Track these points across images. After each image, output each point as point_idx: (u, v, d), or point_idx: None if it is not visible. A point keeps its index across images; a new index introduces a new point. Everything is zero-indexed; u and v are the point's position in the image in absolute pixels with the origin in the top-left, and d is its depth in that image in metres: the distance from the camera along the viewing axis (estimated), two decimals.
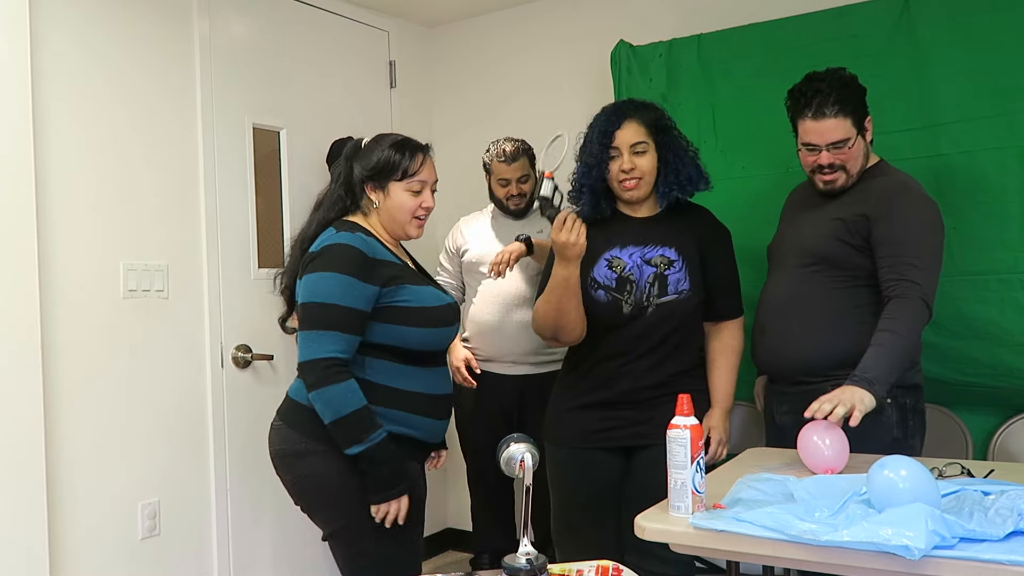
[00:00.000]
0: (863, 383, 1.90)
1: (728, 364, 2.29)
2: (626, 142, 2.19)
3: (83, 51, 2.64)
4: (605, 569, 1.55)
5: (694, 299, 2.21)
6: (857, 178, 2.18)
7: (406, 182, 2.01)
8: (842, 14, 2.74)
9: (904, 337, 1.98)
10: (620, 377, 2.21)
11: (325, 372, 1.83)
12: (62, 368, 2.55)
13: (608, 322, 2.21)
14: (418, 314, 1.94)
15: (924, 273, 2.03)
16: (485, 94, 3.81)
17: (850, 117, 2.12)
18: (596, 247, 2.23)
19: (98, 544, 2.63)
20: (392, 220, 2.03)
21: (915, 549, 1.28)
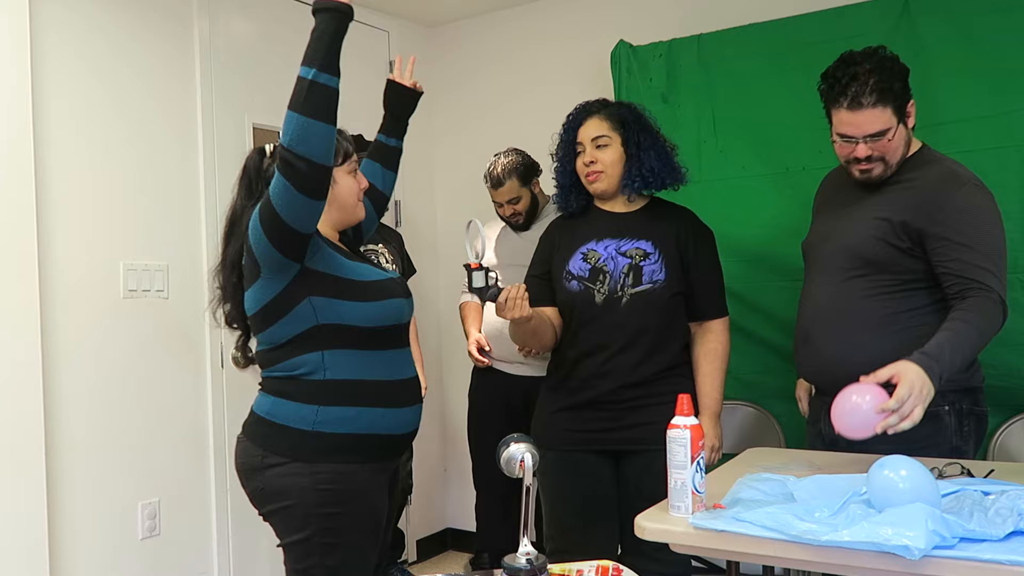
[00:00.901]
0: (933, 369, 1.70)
1: (713, 368, 2.24)
2: (588, 136, 2.23)
3: (83, 51, 2.64)
4: (605, 569, 1.55)
5: (670, 290, 2.18)
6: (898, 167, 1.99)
7: (348, 164, 1.91)
8: (842, 14, 2.74)
9: (980, 333, 1.81)
10: (602, 376, 2.19)
11: (281, 159, 1.71)
12: (62, 368, 2.55)
13: (582, 313, 2.20)
14: (360, 288, 1.84)
15: (995, 276, 1.85)
16: (485, 94, 3.82)
17: (890, 106, 1.91)
18: (572, 241, 2.25)
19: (98, 544, 2.63)
20: (341, 207, 1.91)
21: (915, 549, 1.28)
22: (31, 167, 2.46)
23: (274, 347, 1.84)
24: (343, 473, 1.82)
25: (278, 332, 1.82)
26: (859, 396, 1.68)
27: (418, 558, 3.80)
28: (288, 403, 1.82)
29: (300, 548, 1.84)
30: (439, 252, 3.90)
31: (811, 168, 2.73)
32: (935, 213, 1.89)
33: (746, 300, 2.91)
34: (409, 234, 3.49)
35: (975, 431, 2.00)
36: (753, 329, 2.90)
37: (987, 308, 1.83)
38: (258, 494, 1.86)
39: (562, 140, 2.30)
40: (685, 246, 2.23)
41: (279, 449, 1.82)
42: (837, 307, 2.03)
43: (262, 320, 1.84)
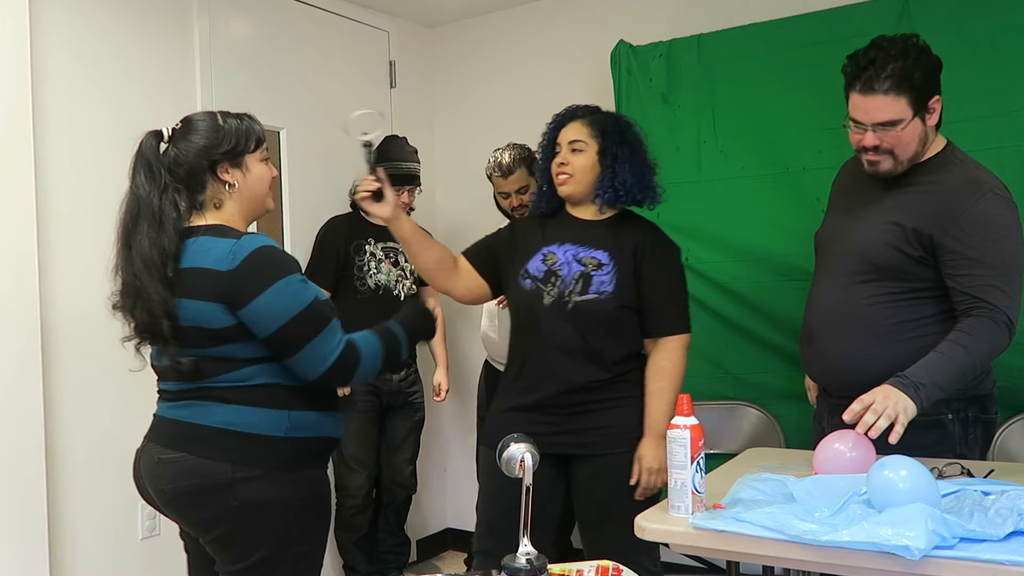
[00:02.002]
0: (909, 387, 1.72)
1: (659, 388, 2.17)
2: (566, 138, 2.24)
3: (83, 51, 2.64)
4: (605, 569, 1.55)
5: (615, 302, 2.16)
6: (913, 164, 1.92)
7: (260, 152, 1.81)
8: (842, 14, 2.74)
9: (974, 357, 1.79)
10: (546, 378, 2.19)
11: (349, 363, 1.73)
12: (62, 367, 2.55)
13: (530, 312, 2.21)
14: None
15: (1006, 294, 1.80)
16: (485, 94, 3.82)
17: (906, 95, 1.83)
18: (537, 240, 2.27)
19: (98, 544, 2.63)
20: (253, 197, 1.81)
21: (915, 549, 1.28)
22: (31, 167, 2.46)
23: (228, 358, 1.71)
24: (313, 480, 1.79)
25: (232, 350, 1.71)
26: (842, 444, 1.71)
27: (418, 558, 3.80)
28: (256, 410, 1.71)
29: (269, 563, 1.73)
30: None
31: (811, 168, 2.73)
32: (948, 223, 1.83)
33: (746, 300, 2.91)
34: None
35: (981, 438, 1.99)
36: (753, 329, 2.90)
37: (986, 329, 1.79)
38: (225, 513, 1.70)
39: (545, 139, 2.32)
40: (641, 260, 2.21)
41: (253, 460, 1.69)
42: (844, 311, 1.99)
43: (218, 337, 1.70)
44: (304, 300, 1.69)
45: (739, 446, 2.76)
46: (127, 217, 1.74)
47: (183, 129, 1.77)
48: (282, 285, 1.67)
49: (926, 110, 1.87)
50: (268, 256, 1.69)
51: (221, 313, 1.67)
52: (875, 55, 1.84)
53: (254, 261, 1.67)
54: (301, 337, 1.68)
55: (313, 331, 1.69)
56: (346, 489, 3.16)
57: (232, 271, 1.65)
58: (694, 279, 2.98)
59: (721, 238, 2.92)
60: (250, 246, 1.68)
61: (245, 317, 1.67)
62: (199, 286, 1.67)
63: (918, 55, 1.86)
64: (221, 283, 1.65)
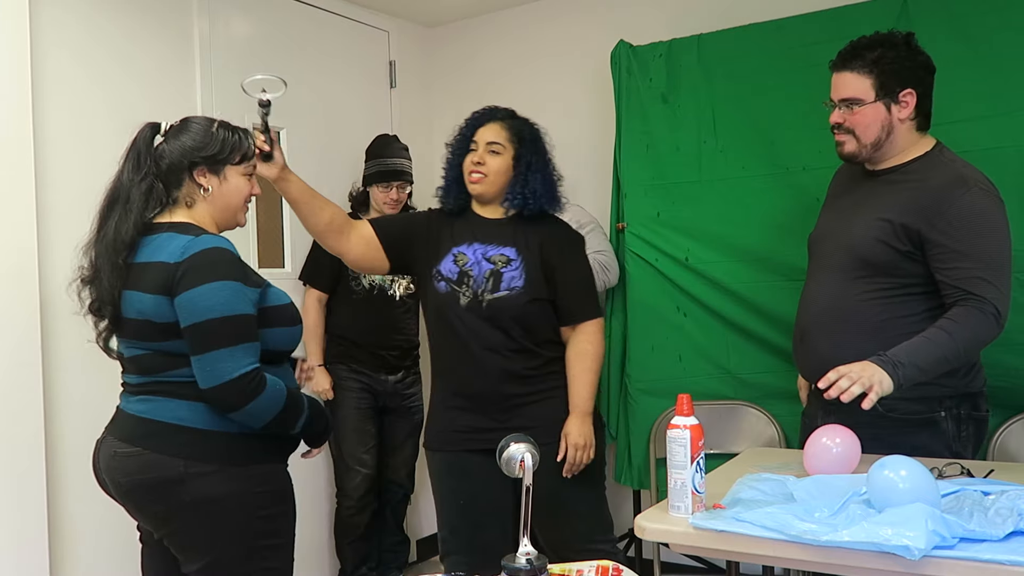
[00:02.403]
0: (888, 364, 1.75)
1: (583, 369, 2.25)
2: (484, 139, 2.27)
3: (82, 51, 2.64)
4: (605, 569, 1.55)
5: (525, 296, 2.21)
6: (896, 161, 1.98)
7: (244, 165, 1.84)
8: (842, 14, 2.74)
9: (958, 343, 1.80)
10: (478, 376, 2.23)
11: (249, 388, 1.68)
12: (62, 368, 2.54)
13: (449, 314, 2.24)
14: (282, 313, 1.83)
15: (994, 285, 1.82)
16: (485, 94, 3.79)
17: (871, 77, 1.90)
18: (446, 241, 2.30)
19: (98, 544, 2.63)
20: (225, 208, 1.83)
21: (915, 549, 1.28)
22: (31, 167, 2.46)
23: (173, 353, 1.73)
24: (274, 473, 1.82)
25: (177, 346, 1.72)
26: (829, 439, 1.73)
27: (418, 558, 3.80)
28: (206, 407, 1.72)
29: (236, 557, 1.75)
30: None
31: (811, 168, 2.73)
32: (935, 217, 1.86)
33: (746, 300, 2.91)
34: None
35: (974, 435, 1.99)
36: (753, 329, 2.90)
37: (973, 318, 1.81)
38: (178, 509, 1.73)
39: (459, 135, 2.34)
40: (550, 254, 2.26)
41: (206, 456, 1.71)
42: (835, 308, 2.01)
43: (164, 330, 1.71)
44: (232, 309, 1.68)
45: (739, 446, 2.76)
46: (106, 201, 1.80)
47: (178, 127, 1.83)
48: (217, 286, 1.68)
49: (894, 99, 1.91)
50: (216, 257, 1.71)
51: (167, 307, 1.69)
52: (862, 40, 1.93)
53: (201, 257, 1.69)
54: (210, 341, 1.67)
55: (225, 341, 1.67)
56: (344, 489, 3.17)
57: (178, 263, 1.69)
58: (694, 279, 3.00)
59: (721, 238, 2.92)
60: (204, 244, 1.71)
61: (176, 303, 1.68)
62: (149, 279, 1.71)
63: (899, 48, 1.91)
64: (167, 274, 1.69)
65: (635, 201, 3.10)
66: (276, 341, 1.82)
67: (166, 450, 1.72)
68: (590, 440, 2.23)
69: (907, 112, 1.93)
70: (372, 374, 3.15)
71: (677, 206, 3.04)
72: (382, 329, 3.16)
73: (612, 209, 3.20)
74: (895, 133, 1.95)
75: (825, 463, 1.74)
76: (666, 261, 3.04)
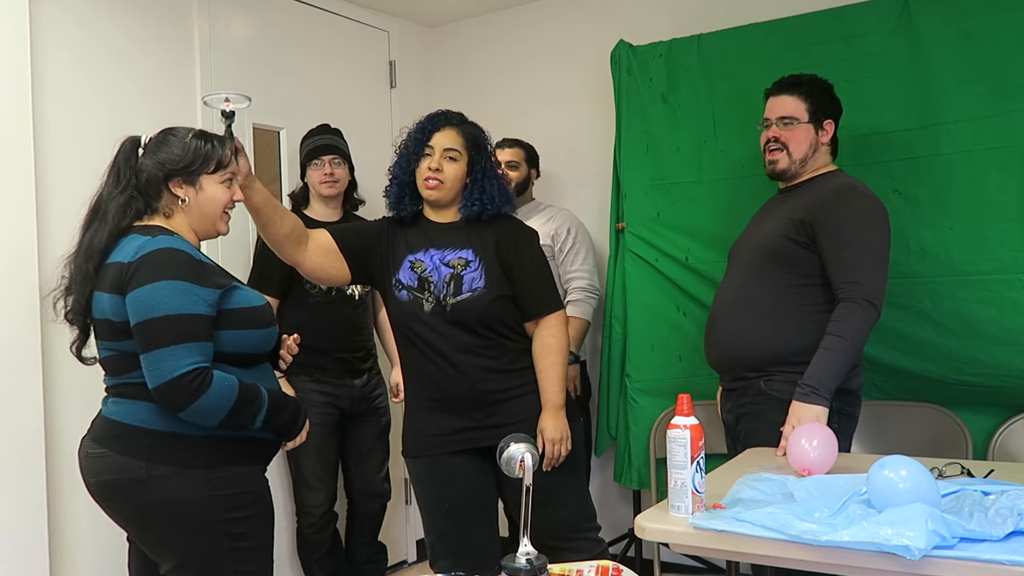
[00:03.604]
0: (810, 395, 2.02)
1: (549, 363, 2.26)
2: (440, 145, 2.26)
3: (83, 51, 2.64)
4: (605, 569, 1.55)
5: (488, 296, 2.21)
6: (806, 177, 2.28)
7: (219, 174, 1.84)
8: (842, 14, 2.74)
9: (851, 339, 2.05)
10: (452, 380, 2.22)
11: (191, 386, 1.65)
12: (62, 368, 2.54)
13: (414, 322, 2.23)
14: (251, 315, 1.82)
15: (866, 272, 2.08)
16: (485, 94, 3.81)
17: (806, 102, 2.25)
18: (401, 250, 2.29)
19: (98, 544, 2.63)
20: (203, 217, 1.85)
21: (915, 549, 1.28)
22: (31, 167, 2.46)
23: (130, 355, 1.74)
24: (238, 476, 1.78)
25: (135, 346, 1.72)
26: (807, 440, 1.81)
27: (418, 558, 3.80)
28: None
29: (206, 559, 1.76)
30: None
31: None
32: (826, 214, 2.14)
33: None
34: None
35: (845, 430, 2.17)
36: None
37: (854, 312, 2.06)
38: (144, 509, 1.74)
39: (413, 139, 2.30)
40: (506, 252, 2.26)
41: (167, 458, 1.72)
42: (739, 297, 2.28)
43: (122, 330, 1.73)
44: (176, 308, 1.67)
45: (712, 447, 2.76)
46: (88, 214, 1.85)
47: (156, 140, 1.84)
48: (161, 285, 1.67)
49: (820, 125, 2.27)
50: (167, 256, 1.71)
51: (121, 305, 1.70)
52: (796, 76, 2.32)
53: (152, 257, 1.70)
54: (154, 340, 1.66)
55: (168, 340, 1.66)
56: (304, 507, 3.01)
57: (131, 262, 1.70)
58: (694, 279, 3.00)
59: (721, 238, 2.91)
60: (157, 244, 1.72)
61: (126, 302, 1.69)
62: (108, 279, 1.74)
63: (820, 84, 2.30)
64: (120, 273, 1.71)
65: (635, 201, 3.10)
66: (245, 343, 1.81)
67: (129, 452, 1.74)
68: (566, 433, 2.24)
69: (827, 138, 2.28)
70: (337, 381, 2.98)
71: (677, 206, 3.04)
72: (344, 331, 3.01)
73: (612, 209, 3.20)
74: (817, 154, 2.28)
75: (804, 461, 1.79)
76: (666, 261, 3.04)
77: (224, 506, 1.74)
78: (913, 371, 2.58)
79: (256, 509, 1.81)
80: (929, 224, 2.54)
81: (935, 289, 2.52)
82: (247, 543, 1.78)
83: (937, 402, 2.64)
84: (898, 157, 2.59)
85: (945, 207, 2.52)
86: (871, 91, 2.63)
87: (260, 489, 1.84)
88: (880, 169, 2.56)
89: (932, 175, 2.55)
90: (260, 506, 1.82)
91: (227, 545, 1.75)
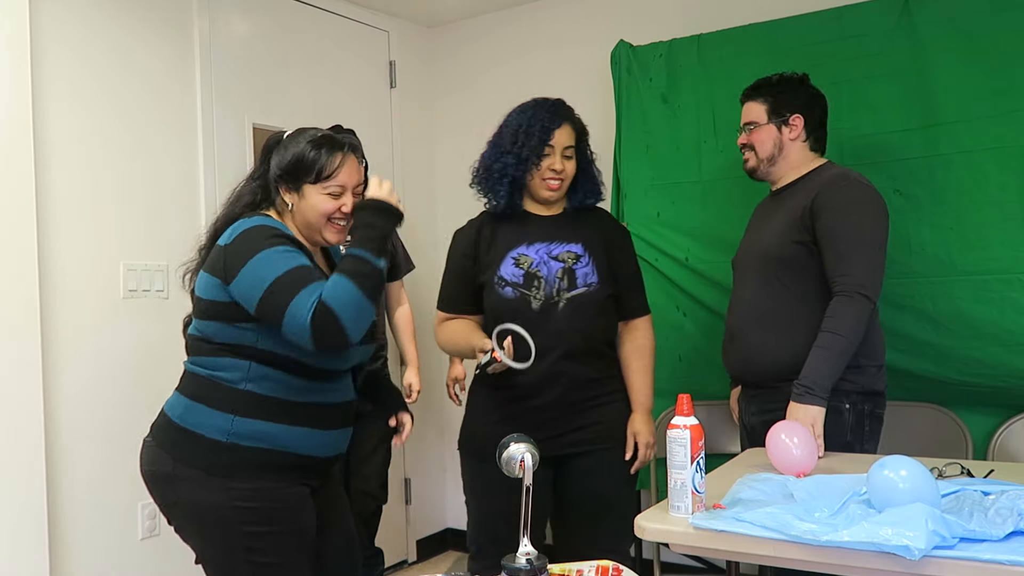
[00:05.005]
0: (804, 395, 2.00)
1: (643, 365, 2.26)
2: (561, 143, 2.19)
3: (82, 51, 2.64)
4: (605, 569, 1.55)
5: (603, 291, 2.19)
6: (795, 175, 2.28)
7: (321, 184, 1.79)
8: (842, 14, 2.74)
9: (846, 334, 2.03)
10: (547, 382, 2.14)
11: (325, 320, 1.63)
12: (62, 368, 2.55)
13: (517, 319, 2.14)
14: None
15: (858, 263, 2.06)
16: (485, 94, 3.81)
17: (764, 103, 2.30)
18: (502, 245, 2.23)
19: (98, 544, 2.63)
20: (306, 224, 1.82)
21: (915, 549, 1.28)
22: (31, 167, 2.46)
23: (204, 338, 1.77)
24: (260, 490, 1.72)
25: (212, 329, 1.76)
26: (787, 436, 1.80)
27: (418, 558, 3.80)
28: (203, 408, 1.73)
29: (222, 565, 1.74)
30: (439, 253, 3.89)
31: None
32: (822, 204, 2.13)
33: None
34: (409, 235, 3.48)
35: (876, 433, 2.18)
36: None
37: (845, 307, 2.04)
38: (169, 506, 1.75)
39: (535, 136, 2.18)
40: (611, 247, 2.24)
41: (191, 460, 1.71)
42: (755, 306, 2.25)
43: (202, 310, 1.77)
44: (278, 269, 1.66)
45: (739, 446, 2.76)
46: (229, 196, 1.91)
47: (287, 138, 1.85)
48: (258, 258, 1.68)
49: (784, 122, 2.27)
50: (254, 232, 1.72)
51: (217, 287, 1.73)
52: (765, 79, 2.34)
53: (242, 237, 1.72)
54: (277, 307, 1.65)
55: (287, 297, 1.64)
56: None
57: (226, 245, 1.73)
58: (694, 279, 3.00)
59: (721, 238, 2.92)
60: (249, 223, 1.75)
61: (234, 293, 1.71)
62: (209, 259, 1.79)
63: (794, 83, 2.32)
64: (219, 257, 1.74)
65: (635, 201, 3.10)
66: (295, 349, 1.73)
67: (165, 446, 1.76)
68: (654, 439, 2.24)
69: (796, 133, 2.28)
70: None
71: (677, 206, 3.04)
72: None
73: (612, 209, 3.20)
74: (787, 150, 2.28)
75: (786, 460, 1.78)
76: (666, 261, 3.04)
77: (241, 518, 1.71)
78: (913, 371, 2.58)
79: (274, 527, 1.74)
80: (929, 224, 2.55)
81: (935, 289, 2.52)
82: (267, 558, 1.73)
83: (937, 402, 2.64)
84: (898, 157, 2.59)
85: (945, 207, 2.52)
86: (871, 91, 2.64)
87: (284, 506, 1.76)
88: (880, 169, 2.56)
89: (932, 175, 2.55)
90: (283, 523, 1.75)
91: (244, 557, 1.72)
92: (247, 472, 1.72)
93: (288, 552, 1.76)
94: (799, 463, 1.77)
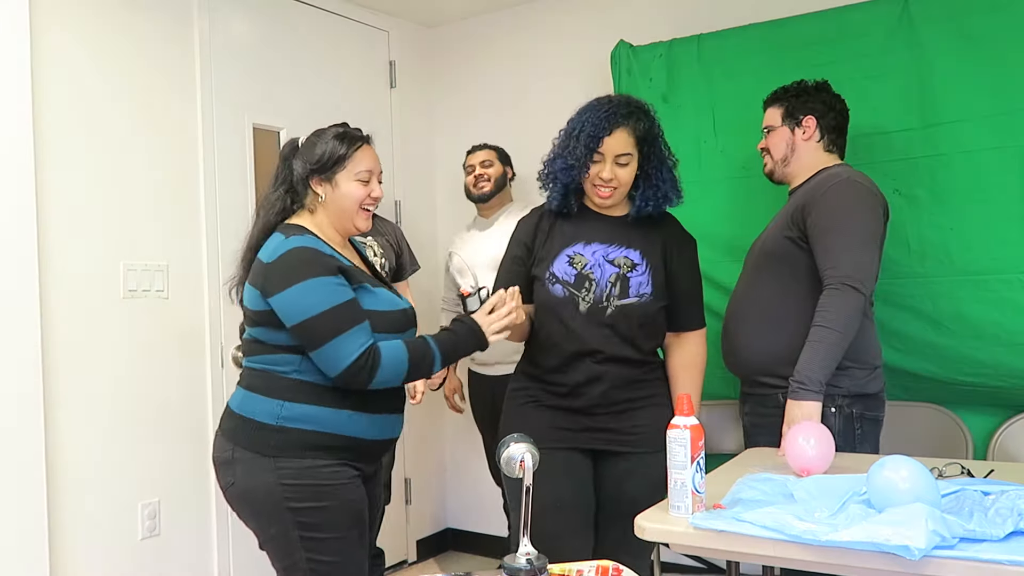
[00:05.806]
0: (798, 391, 2.01)
1: (692, 380, 2.22)
2: (612, 151, 2.10)
3: (83, 51, 2.65)
4: (605, 569, 1.54)
5: (655, 304, 2.15)
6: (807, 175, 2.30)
7: (353, 171, 1.95)
8: (842, 14, 2.74)
9: (835, 327, 2.03)
10: (587, 383, 2.13)
11: (366, 367, 1.79)
12: (62, 368, 2.55)
13: (564, 318, 2.13)
14: (378, 319, 1.87)
15: (845, 256, 2.07)
16: (485, 94, 3.82)
17: (780, 108, 2.35)
18: (558, 241, 2.19)
19: (98, 544, 2.63)
20: (340, 212, 1.95)
21: (915, 549, 1.28)
22: (31, 167, 2.47)
23: (257, 340, 1.90)
24: (306, 468, 1.82)
25: (262, 334, 1.88)
26: (804, 438, 1.80)
27: (418, 558, 3.80)
28: (256, 397, 1.86)
29: (277, 544, 1.85)
30: (439, 252, 3.90)
31: None
32: (814, 202, 2.16)
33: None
34: (409, 234, 3.49)
35: (871, 435, 2.17)
36: None
37: (837, 301, 2.04)
38: (230, 489, 1.88)
39: (582, 144, 2.11)
40: (670, 257, 2.19)
41: (244, 443, 1.85)
42: (748, 300, 2.30)
43: (251, 319, 1.90)
44: (328, 302, 1.79)
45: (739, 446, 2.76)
46: (254, 212, 2.03)
47: (308, 141, 1.99)
48: (306, 285, 1.79)
49: (797, 124, 2.31)
50: (300, 256, 1.82)
51: (258, 298, 1.85)
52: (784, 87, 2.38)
53: (286, 259, 1.82)
54: (320, 336, 1.79)
55: (332, 332, 1.78)
56: None
57: (269, 264, 1.83)
58: None
59: (721, 238, 2.92)
60: (290, 245, 1.84)
61: (273, 306, 1.82)
62: (252, 272, 1.89)
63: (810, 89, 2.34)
64: (260, 272, 1.85)
65: None
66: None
67: (226, 434, 1.90)
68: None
69: (809, 134, 2.31)
70: None
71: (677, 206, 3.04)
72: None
73: None
74: (799, 151, 2.32)
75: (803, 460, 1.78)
76: None
77: (286, 495, 1.81)
78: (913, 371, 2.58)
79: (322, 503, 1.84)
80: (929, 224, 2.54)
81: (935, 289, 2.52)
82: (319, 533, 1.84)
83: (937, 402, 2.64)
84: (898, 157, 2.60)
85: (945, 207, 2.52)
86: (871, 91, 2.63)
87: (330, 483, 1.84)
88: (880, 169, 2.56)
89: (932, 175, 2.55)
90: (328, 500, 1.84)
91: (296, 533, 1.82)
92: (294, 452, 1.82)
93: (339, 528, 1.86)
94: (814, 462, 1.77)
